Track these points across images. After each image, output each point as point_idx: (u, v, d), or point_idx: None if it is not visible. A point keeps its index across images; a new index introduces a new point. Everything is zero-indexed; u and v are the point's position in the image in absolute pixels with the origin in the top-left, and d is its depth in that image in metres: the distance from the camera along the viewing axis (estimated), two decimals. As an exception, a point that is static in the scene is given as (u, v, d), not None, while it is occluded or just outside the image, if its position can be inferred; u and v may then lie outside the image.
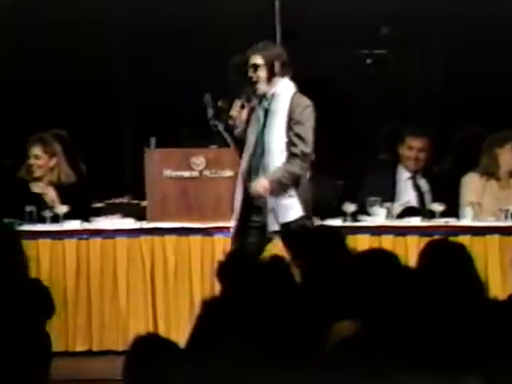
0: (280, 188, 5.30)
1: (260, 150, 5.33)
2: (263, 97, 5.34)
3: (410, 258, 5.66)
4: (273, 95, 5.31)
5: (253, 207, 5.35)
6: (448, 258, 3.80)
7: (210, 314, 3.57)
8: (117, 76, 7.42)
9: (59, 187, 6.32)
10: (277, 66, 5.32)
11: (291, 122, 5.30)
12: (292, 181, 5.32)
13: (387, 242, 5.99)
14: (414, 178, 6.59)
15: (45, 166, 6.29)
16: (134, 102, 7.47)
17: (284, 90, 5.34)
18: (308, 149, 5.35)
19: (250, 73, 5.29)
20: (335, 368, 2.84)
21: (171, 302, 5.93)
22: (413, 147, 6.55)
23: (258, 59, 5.30)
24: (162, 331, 5.79)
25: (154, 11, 7.09)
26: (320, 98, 7.21)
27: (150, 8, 7.08)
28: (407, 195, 6.57)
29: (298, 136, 5.32)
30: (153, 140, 6.04)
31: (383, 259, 3.63)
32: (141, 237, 5.99)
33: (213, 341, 3.41)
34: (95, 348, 5.96)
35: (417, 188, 6.58)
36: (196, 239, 5.96)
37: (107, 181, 6.72)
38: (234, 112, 5.30)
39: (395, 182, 6.57)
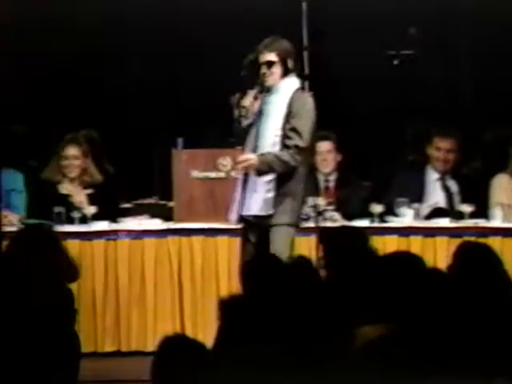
0: (267, 170, 5.20)
1: (255, 144, 5.27)
2: (268, 91, 5.30)
3: (439, 260, 5.65)
4: (276, 89, 5.28)
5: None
6: (478, 259, 3.77)
7: (232, 314, 3.56)
8: (144, 76, 7.43)
9: (87, 188, 6.34)
10: (290, 63, 5.29)
11: (289, 116, 5.24)
12: (282, 168, 5.21)
13: (416, 243, 5.96)
14: (442, 179, 6.56)
15: (79, 167, 6.31)
16: (162, 102, 7.48)
17: (287, 85, 5.30)
18: (302, 143, 5.24)
19: (264, 69, 5.25)
20: (360, 370, 2.83)
21: (198, 302, 5.93)
22: (441, 148, 6.52)
23: (272, 56, 5.26)
24: (189, 331, 5.80)
25: (180, 11, 7.09)
26: (346, 99, 7.19)
27: (176, 7, 7.08)
28: (436, 196, 6.54)
29: (294, 130, 5.24)
30: (180, 141, 6.05)
31: (408, 262, 3.61)
32: (168, 237, 6.00)
33: (238, 342, 3.40)
34: (123, 349, 5.97)
35: (446, 189, 6.55)
36: (223, 240, 5.95)
37: (135, 182, 6.73)
38: (246, 102, 5.23)
39: (424, 182, 6.54)
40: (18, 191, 6.35)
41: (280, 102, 5.26)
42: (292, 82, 5.33)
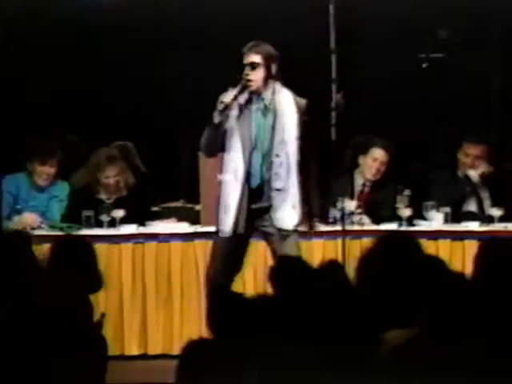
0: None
1: (265, 154, 5.21)
2: (257, 96, 5.23)
3: (468, 264, 5.60)
4: (272, 97, 5.23)
5: (254, 211, 5.25)
6: (502, 258, 3.74)
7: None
8: (173, 79, 7.44)
9: (119, 192, 6.37)
10: (273, 68, 5.25)
11: (302, 128, 5.24)
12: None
13: (444, 247, 5.92)
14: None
15: (118, 180, 6.30)
16: (190, 105, 7.48)
17: (283, 92, 5.26)
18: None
19: (247, 70, 5.20)
20: (387, 375, 2.81)
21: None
22: (470, 154, 6.49)
23: (256, 58, 5.21)
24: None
25: (210, 12, 7.09)
26: (376, 102, 7.16)
27: (207, 9, 7.07)
28: (466, 200, 6.51)
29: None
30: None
31: (433, 265, 3.59)
32: (195, 240, 6.01)
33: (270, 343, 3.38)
34: (150, 352, 5.98)
35: (476, 193, 6.52)
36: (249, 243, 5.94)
37: (162, 185, 6.74)
38: (227, 98, 5.15)
39: (455, 186, 6.51)
40: (60, 199, 6.35)
41: (288, 114, 5.22)
42: (285, 89, 5.27)
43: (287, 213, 5.19)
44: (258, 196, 5.23)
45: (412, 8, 7.01)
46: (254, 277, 5.90)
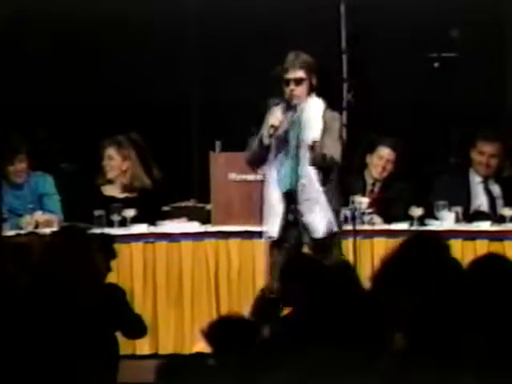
0: None
1: (295, 163, 5.28)
2: (295, 107, 5.28)
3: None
4: (304, 108, 5.28)
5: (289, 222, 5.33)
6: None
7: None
8: (184, 78, 7.45)
9: (133, 192, 6.37)
10: (314, 80, 5.28)
11: (323, 134, 5.26)
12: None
13: (456, 247, 5.90)
14: (485, 182, 6.50)
15: (117, 167, 6.33)
16: (202, 104, 7.49)
17: (315, 103, 5.31)
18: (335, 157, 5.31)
19: (292, 85, 5.24)
20: (393, 375, 2.81)
21: (235, 304, 5.93)
22: (484, 152, 6.47)
23: (301, 73, 5.25)
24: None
25: (226, 11, 7.09)
26: (388, 101, 7.15)
27: (223, 9, 7.08)
28: (479, 199, 6.49)
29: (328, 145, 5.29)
30: (218, 143, 6.06)
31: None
32: (205, 240, 6.02)
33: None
34: (161, 351, 5.99)
35: (488, 193, 6.49)
36: (260, 242, 5.93)
37: (173, 184, 6.75)
38: (275, 121, 5.20)
39: (468, 185, 6.49)
40: (50, 195, 6.39)
41: (315, 124, 5.26)
42: (318, 100, 5.32)
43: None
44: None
45: (424, 7, 6.99)
46: (265, 278, 5.90)
